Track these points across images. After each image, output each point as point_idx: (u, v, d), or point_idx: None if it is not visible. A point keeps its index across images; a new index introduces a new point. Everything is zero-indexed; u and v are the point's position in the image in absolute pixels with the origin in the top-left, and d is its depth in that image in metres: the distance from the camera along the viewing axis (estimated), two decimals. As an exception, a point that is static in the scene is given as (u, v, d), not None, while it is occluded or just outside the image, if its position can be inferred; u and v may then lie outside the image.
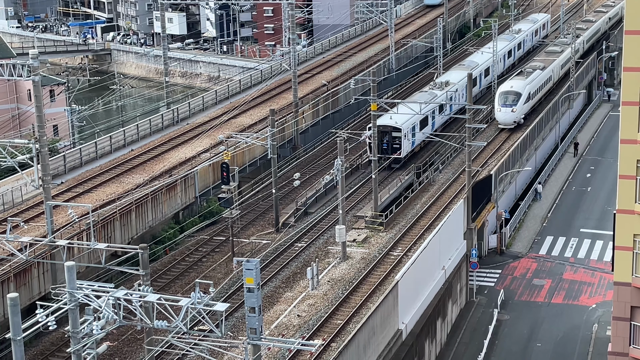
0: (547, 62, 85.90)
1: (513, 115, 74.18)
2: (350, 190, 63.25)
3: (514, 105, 74.13)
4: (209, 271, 51.21)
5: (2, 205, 52.59)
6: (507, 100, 74.26)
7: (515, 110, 74.03)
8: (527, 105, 75.88)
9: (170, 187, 56.31)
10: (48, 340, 43.68)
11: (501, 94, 75.31)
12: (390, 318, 42.02)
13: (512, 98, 74.39)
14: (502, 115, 74.46)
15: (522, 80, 77.28)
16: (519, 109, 74.40)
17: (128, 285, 43.79)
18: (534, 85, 78.29)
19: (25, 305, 41.03)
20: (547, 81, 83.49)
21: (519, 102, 74.35)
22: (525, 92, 75.53)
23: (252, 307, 27.50)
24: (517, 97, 74.41)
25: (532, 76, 78.63)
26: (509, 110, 74.02)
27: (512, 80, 77.58)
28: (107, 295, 28.82)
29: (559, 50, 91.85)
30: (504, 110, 74.11)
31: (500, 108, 74.54)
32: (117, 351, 42.31)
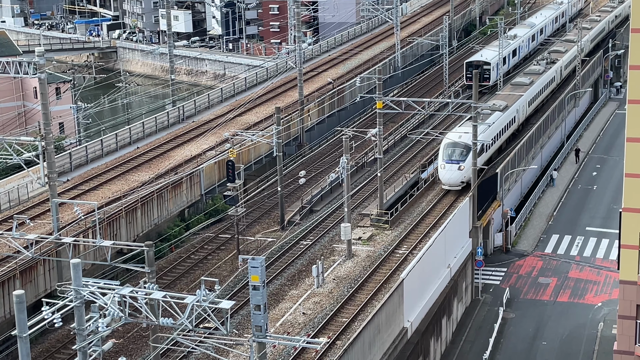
0: (510, 99, 71.65)
1: (460, 174, 58.63)
2: (356, 188, 63.22)
3: (461, 161, 58.71)
4: (215, 269, 51.25)
5: (8, 202, 52.71)
6: (453, 155, 59.31)
7: (463, 168, 58.79)
8: (479, 159, 60.34)
9: (175, 185, 56.36)
10: (54, 337, 43.77)
11: (446, 146, 60.00)
12: (396, 316, 42.01)
13: (459, 152, 59.09)
14: (446, 173, 59.02)
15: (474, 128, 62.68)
16: (468, 165, 58.32)
17: (134, 282, 43.84)
18: (491, 132, 64.45)
19: (31, 303, 41.13)
20: (510, 123, 69.97)
21: (469, 158, 58.37)
22: (487, 135, 62.59)
23: (257, 305, 27.52)
24: (467, 150, 58.77)
25: (487, 121, 63.82)
26: (456, 167, 58.68)
27: (462, 128, 61.62)
28: (113, 292, 28.87)
29: (536, 72, 79.78)
30: (449, 168, 58.84)
31: (444, 164, 59.16)
32: (123, 348, 42.37)
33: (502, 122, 66.77)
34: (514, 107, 70.25)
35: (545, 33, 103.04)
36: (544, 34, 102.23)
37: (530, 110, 76.20)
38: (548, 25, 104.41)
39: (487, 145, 62.59)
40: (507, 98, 71.83)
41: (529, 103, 75.17)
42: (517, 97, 72.34)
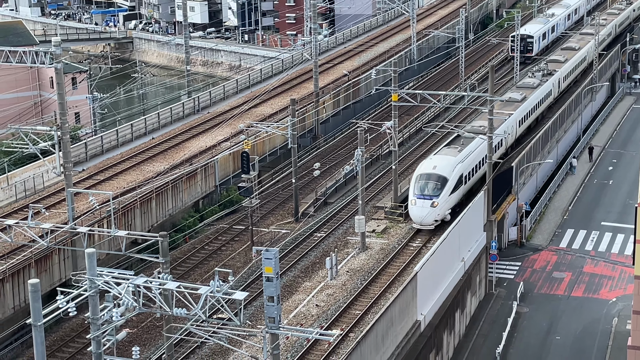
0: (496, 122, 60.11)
1: (433, 211, 50.53)
2: (370, 180, 63.16)
3: (435, 196, 50.98)
4: (228, 260, 51.36)
5: (23, 191, 52.96)
6: (425, 189, 51.32)
7: (437, 204, 50.62)
8: (456, 194, 52.54)
9: (190, 176, 56.47)
10: (68, 326, 44.00)
11: (418, 178, 52.02)
12: (409, 309, 41.97)
13: (433, 186, 51.32)
14: (416, 210, 50.84)
15: (452, 157, 53.90)
16: (443, 201, 50.89)
17: (148, 272, 43.97)
18: (472, 161, 55.32)
19: (46, 291, 41.36)
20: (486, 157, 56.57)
21: (444, 192, 51.15)
22: (455, 176, 52.28)
23: (270, 296, 27.55)
24: (442, 183, 51.34)
25: (468, 148, 55.65)
26: (428, 204, 50.63)
27: (438, 157, 54.13)
28: (127, 282, 28.97)
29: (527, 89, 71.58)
30: (420, 204, 50.72)
31: (414, 199, 51.20)
32: (137, 338, 42.55)
33: (483, 150, 55.80)
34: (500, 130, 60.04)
35: (579, 13, 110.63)
36: (577, 14, 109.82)
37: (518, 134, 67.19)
38: (582, 6, 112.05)
39: (466, 175, 53.73)
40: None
41: (520, 122, 67.05)
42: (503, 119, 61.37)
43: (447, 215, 51.56)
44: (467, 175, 54.69)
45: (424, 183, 51.76)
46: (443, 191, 51.27)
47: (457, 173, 52.66)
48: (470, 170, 55.17)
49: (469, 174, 54.98)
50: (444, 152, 55.10)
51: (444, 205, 51.25)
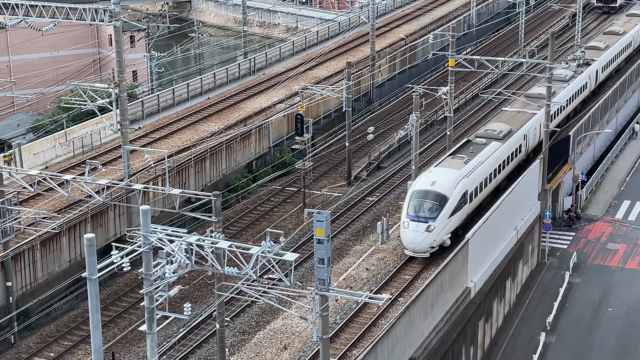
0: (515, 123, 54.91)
1: (428, 237, 42.91)
2: (424, 146, 62.78)
3: (431, 218, 43.45)
4: (280, 221, 51.66)
5: (81, 148, 53.78)
6: (420, 209, 43.87)
7: (433, 229, 43.14)
8: (458, 215, 44.93)
9: (244, 137, 56.73)
10: (122, 281, 44.82)
11: (413, 196, 44.57)
12: (459, 276, 41.83)
13: (429, 206, 43.83)
14: (409, 235, 43.34)
15: (455, 171, 46.24)
16: (441, 225, 43.47)
17: (200, 231, 44.49)
18: (481, 174, 47.88)
19: (101, 246, 42.11)
20: (504, 164, 51.45)
21: (442, 213, 43.73)
22: (457, 194, 44.78)
23: (321, 259, 27.66)
24: (440, 203, 43.96)
25: (477, 158, 48.20)
26: (423, 227, 43.20)
27: (439, 170, 46.51)
28: (180, 240, 29.32)
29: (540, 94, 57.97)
30: (414, 227, 43.27)
31: (407, 221, 43.77)
32: (188, 295, 43.18)
33: (493, 162, 49.63)
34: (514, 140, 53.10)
35: None
36: None
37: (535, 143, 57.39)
38: None
39: (471, 192, 46.39)
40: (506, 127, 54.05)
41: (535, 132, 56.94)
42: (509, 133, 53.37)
43: (447, 240, 43.88)
44: (474, 192, 46.83)
45: (419, 202, 44.01)
46: (442, 212, 43.53)
47: (461, 190, 44.83)
48: (479, 185, 47.30)
49: (477, 190, 47.15)
50: (447, 164, 47.25)
51: (442, 230, 43.39)
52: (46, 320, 41.58)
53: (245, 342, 39.24)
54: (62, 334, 40.16)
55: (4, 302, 39.42)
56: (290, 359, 37.76)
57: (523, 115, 56.78)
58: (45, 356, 38.54)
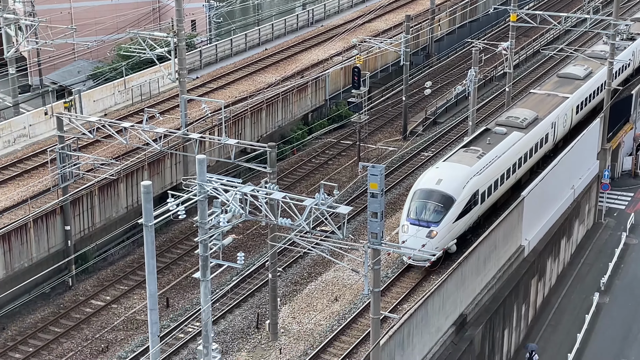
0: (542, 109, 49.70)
1: (430, 243, 38.30)
2: (482, 102, 62.04)
3: (434, 223, 38.89)
4: (334, 174, 51.74)
5: (139, 95, 54.30)
6: (423, 212, 39.40)
7: (435, 235, 38.65)
8: (466, 218, 40.20)
9: (301, 89, 56.66)
10: (177, 228, 45.46)
11: (415, 196, 40.07)
12: (514, 234, 41.54)
13: (433, 208, 39.32)
14: (408, 241, 38.42)
15: (466, 167, 41.40)
16: (445, 230, 38.92)
17: (255, 182, 44.79)
18: (497, 169, 42.91)
19: (157, 194, 42.69)
20: (526, 157, 46.42)
21: (447, 217, 39.05)
22: (466, 194, 40.11)
23: (374, 212, 27.68)
24: (446, 205, 39.27)
25: (494, 152, 43.37)
26: (424, 232, 38.72)
27: (447, 166, 41.67)
28: (235, 190, 29.57)
29: (579, 75, 54.86)
30: (414, 232, 38.81)
31: (407, 225, 39.28)
32: (242, 244, 43.66)
33: (510, 158, 44.61)
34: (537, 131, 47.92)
35: None
36: None
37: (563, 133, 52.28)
38: None
39: (482, 192, 41.47)
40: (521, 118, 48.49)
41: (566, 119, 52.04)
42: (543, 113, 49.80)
43: (452, 246, 39.42)
44: (487, 191, 41.90)
45: (421, 204, 39.37)
46: (446, 216, 38.57)
47: (470, 190, 39.93)
48: (493, 183, 42.35)
49: (490, 189, 42.14)
50: (457, 159, 42.06)
51: (445, 235, 38.57)
52: (103, 264, 42.46)
53: (297, 293, 39.64)
54: (118, 279, 41.01)
55: (62, 246, 40.33)
56: (341, 311, 38.07)
57: (553, 99, 51.43)
58: (101, 299, 39.44)
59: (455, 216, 39.29)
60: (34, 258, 38.96)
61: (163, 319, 37.40)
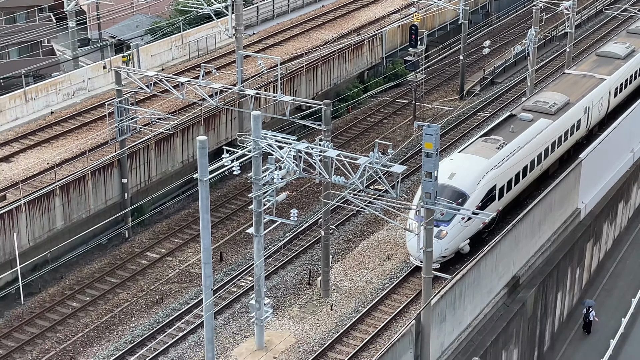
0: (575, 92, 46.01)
1: (438, 245, 34.43)
2: (541, 62, 61.02)
3: (443, 222, 35.73)
4: (389, 133, 51.53)
5: (196, 51, 54.50)
6: None
7: (445, 234, 35.89)
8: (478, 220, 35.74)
9: (357, 46, 56.29)
10: (231, 184, 45.83)
11: None
12: (570, 196, 41.00)
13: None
14: (415, 240, 35.21)
15: (482, 160, 38.17)
16: (455, 230, 36.13)
17: (309, 139, 44.83)
18: (514, 166, 39.27)
19: (212, 149, 43.01)
20: (554, 146, 43.08)
21: (458, 216, 35.78)
22: (481, 190, 37.12)
23: (428, 172, 27.54)
24: (457, 202, 35.15)
25: (516, 141, 40.23)
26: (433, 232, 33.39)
27: (462, 157, 38.58)
28: (289, 147, 29.64)
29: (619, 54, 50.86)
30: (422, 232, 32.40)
31: (414, 222, 35.11)
32: (295, 201, 43.86)
33: (534, 147, 41.16)
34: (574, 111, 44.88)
35: None
36: None
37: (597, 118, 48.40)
38: None
39: (500, 187, 38.31)
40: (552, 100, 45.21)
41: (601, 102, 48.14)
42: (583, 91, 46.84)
43: (465, 246, 36.66)
44: (507, 185, 38.69)
45: None
46: (458, 214, 34.85)
47: (487, 185, 36.83)
48: (514, 176, 39.19)
49: (511, 183, 38.94)
50: (474, 150, 38.78)
51: (456, 236, 35.65)
52: (158, 217, 43.06)
53: (349, 250, 39.79)
54: (173, 232, 41.58)
55: (119, 198, 40.97)
56: (393, 270, 38.15)
57: (588, 81, 47.53)
58: (157, 252, 40.07)
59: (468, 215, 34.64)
60: (92, 210, 39.68)
61: (216, 273, 37.90)
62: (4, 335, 33.94)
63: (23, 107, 45.00)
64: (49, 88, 46.32)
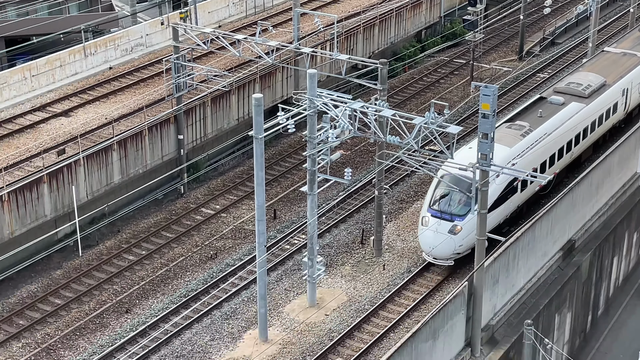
0: (612, 73, 42.87)
1: (452, 241, 33.44)
2: (604, 23, 59.65)
3: (459, 216, 33.76)
4: (446, 93, 51.05)
5: (253, 8, 54.40)
6: (447, 202, 34.19)
7: (460, 230, 33.56)
8: (501, 209, 34.84)
9: (415, 5, 55.62)
10: (286, 142, 45.94)
11: (440, 183, 34.41)
12: (629, 160, 40.29)
13: (459, 198, 33.90)
14: (428, 236, 33.91)
15: (505, 148, 35.40)
16: (470, 225, 32.99)
17: (365, 98, 44.64)
18: (540, 154, 36.82)
19: (267, 107, 43.08)
20: (586, 132, 40.39)
21: (474, 210, 29.81)
22: (501, 182, 34.45)
23: (484, 133, 27.25)
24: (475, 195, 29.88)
25: (544, 126, 37.50)
26: (446, 227, 33.69)
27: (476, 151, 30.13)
28: (345, 105, 29.56)
29: None
30: (434, 226, 33.79)
31: (427, 217, 34.22)
32: (349, 160, 43.84)
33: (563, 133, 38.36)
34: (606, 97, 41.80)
35: None
36: None
37: None
38: None
39: None
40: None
41: None
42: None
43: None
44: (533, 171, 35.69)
45: (446, 192, 34.10)
46: (474, 208, 29.88)
47: (507, 177, 34.29)
48: (539, 165, 36.71)
49: (537, 171, 36.39)
50: (497, 137, 32.41)
51: (472, 231, 32.15)
52: (213, 174, 43.43)
53: (403, 211, 39.72)
54: (228, 189, 41.93)
55: (175, 154, 41.38)
56: (446, 231, 37.98)
57: (629, 59, 44.00)
58: (211, 208, 40.48)
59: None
60: (148, 165, 40.17)
61: (270, 230, 38.18)
62: (62, 285, 34.76)
63: (82, 62, 45.54)
64: (107, 43, 46.75)
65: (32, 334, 32.28)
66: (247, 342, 31.63)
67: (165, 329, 31.88)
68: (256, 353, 30.82)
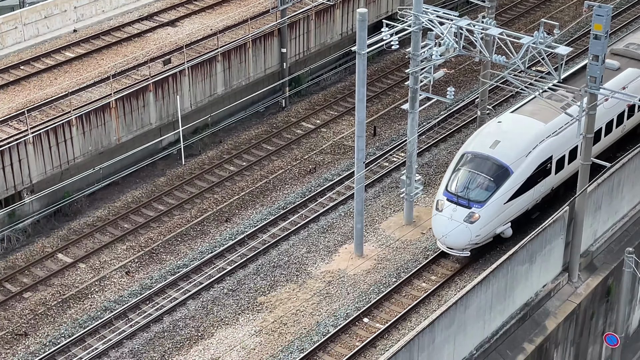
0: None
1: (468, 230, 29.82)
2: None
3: (477, 203, 30.09)
4: (556, 12, 49.41)
5: None
6: (466, 186, 30.41)
7: (477, 218, 29.89)
8: (526, 196, 30.76)
9: None
10: (389, 58, 45.48)
11: (461, 160, 31.26)
12: None
13: (480, 182, 30.31)
14: (441, 223, 30.43)
15: (539, 124, 31.52)
16: (490, 213, 30.00)
17: (472, 16, 43.61)
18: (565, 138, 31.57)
19: (372, 22, 42.57)
20: (637, 105, 34.79)
21: (495, 196, 29.77)
22: (530, 164, 30.57)
23: (595, 55, 26.34)
24: (497, 179, 30.02)
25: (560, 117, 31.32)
26: (462, 214, 30.04)
27: (512, 119, 31.96)
28: (451, 23, 28.97)
29: None
30: (449, 212, 30.27)
31: (443, 201, 30.75)
32: (453, 79, 43.18)
33: None
34: None
35: None
36: None
37: None
38: None
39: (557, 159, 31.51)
40: None
41: None
42: None
43: (507, 230, 30.70)
44: (569, 156, 31.87)
45: (465, 174, 30.51)
46: (495, 194, 28.98)
47: (539, 157, 30.43)
48: (565, 149, 31.86)
49: (574, 152, 31.92)
50: (531, 111, 31.62)
51: (492, 220, 29.82)
52: (315, 88, 43.47)
53: (505, 132, 39.03)
54: (329, 104, 41.97)
55: (278, 68, 41.51)
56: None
57: None
58: (312, 122, 40.67)
59: (509, 195, 29.90)
60: (251, 77, 40.46)
61: (369, 147, 38.19)
62: (165, 192, 35.79)
63: (189, -27, 45.77)
64: (214, -46, 46.74)
65: (136, 237, 33.49)
66: (342, 256, 32.08)
67: (262, 239, 32.58)
68: (351, 267, 31.26)
